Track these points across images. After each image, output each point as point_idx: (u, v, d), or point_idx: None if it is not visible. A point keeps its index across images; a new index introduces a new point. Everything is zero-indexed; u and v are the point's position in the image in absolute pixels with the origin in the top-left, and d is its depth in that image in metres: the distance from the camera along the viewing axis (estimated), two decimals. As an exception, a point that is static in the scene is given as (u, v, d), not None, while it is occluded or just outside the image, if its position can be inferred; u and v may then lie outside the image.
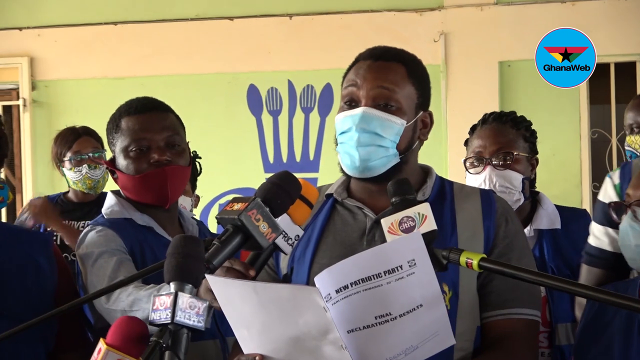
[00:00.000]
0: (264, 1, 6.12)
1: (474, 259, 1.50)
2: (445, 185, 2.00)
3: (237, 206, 1.55)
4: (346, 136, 1.92)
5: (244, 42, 6.08)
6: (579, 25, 4.39)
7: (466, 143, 2.97)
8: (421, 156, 2.04)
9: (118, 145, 2.34)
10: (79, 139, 4.11)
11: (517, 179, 2.78)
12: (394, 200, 1.64)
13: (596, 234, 2.45)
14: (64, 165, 4.10)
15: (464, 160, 2.90)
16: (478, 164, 2.84)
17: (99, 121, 2.85)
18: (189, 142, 2.44)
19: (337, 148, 1.96)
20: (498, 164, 2.80)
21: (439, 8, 5.91)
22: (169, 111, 2.39)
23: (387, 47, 2.02)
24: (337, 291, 1.49)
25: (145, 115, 2.33)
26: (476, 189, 2.04)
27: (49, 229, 4.02)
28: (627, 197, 2.14)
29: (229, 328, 1.62)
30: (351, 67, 1.99)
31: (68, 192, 4.21)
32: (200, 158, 3.59)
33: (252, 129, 6.12)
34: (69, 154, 4.08)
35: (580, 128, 5.77)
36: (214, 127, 6.05)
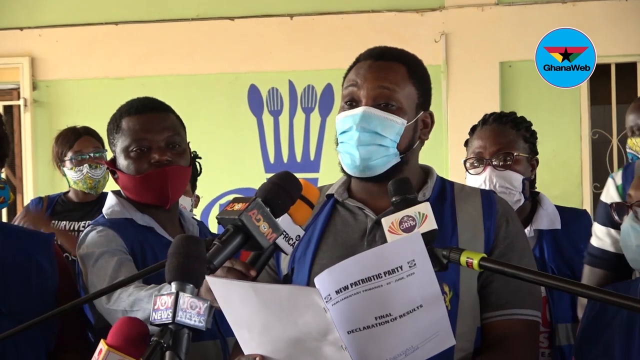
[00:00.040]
0: (264, 1, 6.12)
1: (474, 258, 1.50)
2: (445, 185, 2.00)
3: (238, 206, 1.55)
4: (347, 135, 1.92)
5: (244, 42, 6.08)
6: (579, 26, 4.39)
7: (466, 144, 2.96)
8: (422, 156, 2.04)
9: (119, 146, 2.34)
10: (80, 138, 4.11)
11: (517, 179, 2.78)
12: (394, 199, 1.64)
13: (598, 235, 2.44)
14: (64, 165, 4.10)
15: (464, 161, 2.90)
16: (478, 165, 2.84)
17: (100, 121, 2.85)
18: (190, 142, 2.44)
19: (338, 148, 1.96)
20: (498, 164, 2.79)
21: (439, 8, 5.91)
22: (169, 111, 2.39)
23: (388, 47, 2.01)
24: (337, 292, 1.49)
25: (146, 115, 2.33)
26: (477, 189, 2.03)
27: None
28: (628, 197, 2.14)
29: (230, 328, 1.62)
30: (352, 68, 1.99)
31: (68, 192, 4.21)
32: (200, 158, 3.59)
33: (253, 129, 6.12)
34: (70, 154, 4.08)
35: (581, 128, 5.77)
36: (215, 127, 6.05)
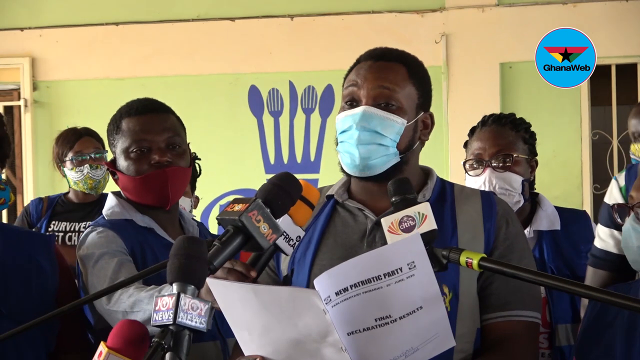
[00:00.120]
0: (265, 2, 6.12)
1: (474, 258, 1.50)
2: (445, 186, 2.00)
3: (238, 207, 1.55)
4: (346, 135, 1.92)
5: (245, 43, 6.08)
6: (580, 27, 4.39)
7: (465, 145, 2.96)
8: (422, 157, 2.04)
9: (119, 147, 2.34)
10: (80, 139, 4.11)
11: (517, 180, 2.78)
12: (394, 199, 1.64)
13: (601, 236, 2.44)
14: (65, 166, 4.10)
15: (464, 163, 2.90)
16: (478, 166, 2.84)
17: (100, 122, 2.85)
18: (190, 142, 2.44)
19: (338, 147, 1.96)
20: (498, 166, 2.79)
21: (440, 9, 5.91)
22: (169, 112, 2.39)
23: (388, 48, 2.02)
24: (337, 293, 1.49)
25: (146, 116, 2.33)
26: (477, 190, 2.03)
27: (50, 229, 4.03)
28: (630, 199, 2.14)
29: (230, 329, 1.62)
30: (352, 68, 1.99)
31: (68, 193, 4.21)
32: (200, 159, 3.59)
33: (253, 129, 6.12)
34: (70, 154, 4.08)
35: (581, 129, 5.77)
36: (215, 127, 6.05)
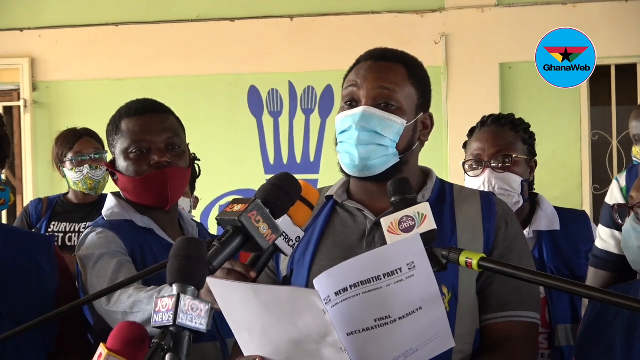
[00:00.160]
0: (265, 2, 6.12)
1: (473, 258, 1.50)
2: (445, 187, 2.00)
3: (237, 207, 1.55)
4: (346, 135, 1.92)
5: (244, 44, 6.08)
6: (579, 27, 4.39)
7: (465, 146, 2.96)
8: (422, 158, 2.04)
9: (118, 147, 2.34)
10: (80, 139, 4.11)
11: (516, 181, 2.78)
12: (393, 199, 1.64)
13: (603, 237, 2.44)
14: (64, 166, 4.10)
15: (463, 163, 2.90)
16: (477, 167, 2.83)
17: (100, 122, 2.85)
18: (190, 143, 2.44)
19: (337, 148, 1.96)
20: (497, 166, 2.79)
21: (439, 10, 5.91)
22: (168, 113, 2.39)
23: (388, 48, 2.02)
24: (337, 294, 1.49)
25: (145, 117, 2.33)
26: (476, 191, 2.03)
27: (49, 230, 4.03)
28: (630, 199, 2.14)
29: (229, 330, 1.62)
30: (352, 69, 1.99)
31: (68, 194, 4.21)
32: (199, 160, 3.59)
33: (253, 130, 6.12)
34: (70, 155, 4.08)
35: (581, 130, 5.76)
36: (215, 128, 6.05)
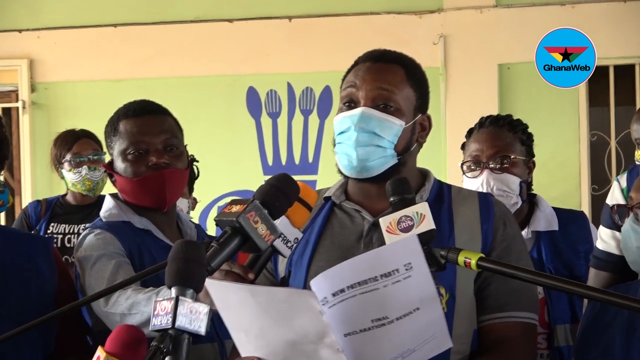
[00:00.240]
0: (263, 3, 6.12)
1: (472, 258, 1.50)
2: (443, 188, 2.00)
3: (236, 208, 1.55)
4: (344, 136, 1.92)
5: (243, 45, 6.08)
6: (578, 28, 4.38)
7: (463, 147, 2.96)
8: (420, 159, 2.04)
9: (116, 148, 2.34)
10: (78, 141, 4.11)
11: (515, 182, 2.78)
12: (392, 199, 1.64)
13: (603, 238, 2.44)
14: (63, 167, 4.10)
15: (461, 164, 2.89)
16: (475, 168, 2.84)
17: (99, 123, 2.85)
18: (188, 144, 2.44)
19: (335, 149, 1.96)
20: (495, 167, 2.79)
21: (438, 10, 5.91)
22: (166, 114, 2.39)
23: (386, 49, 2.02)
24: (334, 295, 1.49)
25: (143, 118, 2.33)
26: (474, 192, 2.03)
27: (49, 232, 4.03)
28: (629, 199, 2.14)
29: (227, 331, 1.62)
30: (350, 70, 1.99)
31: (66, 195, 4.21)
32: (198, 162, 3.59)
33: (251, 131, 6.12)
34: (68, 156, 4.08)
35: (580, 130, 5.76)
36: (213, 129, 6.04)
